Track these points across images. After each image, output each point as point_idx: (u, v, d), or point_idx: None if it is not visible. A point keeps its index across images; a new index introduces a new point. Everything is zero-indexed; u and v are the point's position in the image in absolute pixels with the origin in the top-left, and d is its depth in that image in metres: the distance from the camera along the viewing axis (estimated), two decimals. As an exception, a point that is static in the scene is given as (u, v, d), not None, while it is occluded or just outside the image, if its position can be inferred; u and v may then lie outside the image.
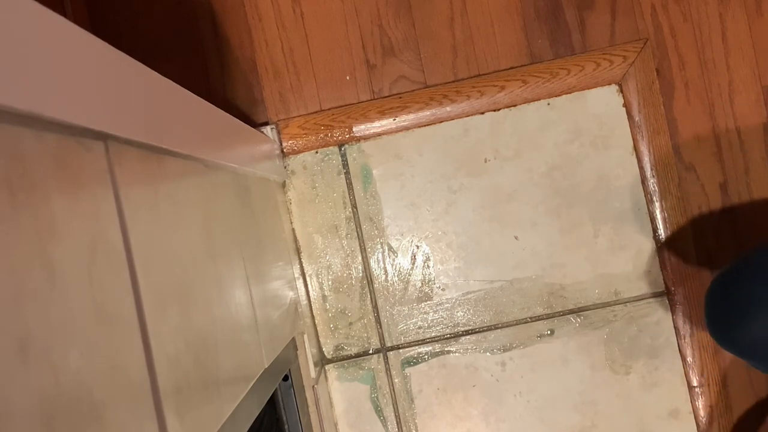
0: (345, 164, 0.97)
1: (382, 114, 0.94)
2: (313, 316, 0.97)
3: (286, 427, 0.80)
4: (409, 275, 0.97)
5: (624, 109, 0.94)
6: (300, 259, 0.97)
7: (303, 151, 0.96)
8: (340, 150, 0.97)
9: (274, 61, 0.96)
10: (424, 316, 0.97)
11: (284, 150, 0.95)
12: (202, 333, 0.45)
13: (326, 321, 0.97)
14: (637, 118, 0.94)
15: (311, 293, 0.97)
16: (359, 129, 0.95)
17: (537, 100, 0.94)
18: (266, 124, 0.95)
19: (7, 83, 0.24)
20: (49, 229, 0.27)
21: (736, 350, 0.73)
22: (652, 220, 0.95)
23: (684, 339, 0.94)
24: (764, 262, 0.70)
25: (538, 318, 0.96)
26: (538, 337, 0.96)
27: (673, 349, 0.95)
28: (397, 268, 0.97)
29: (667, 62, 0.93)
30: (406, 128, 0.95)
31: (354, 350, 0.97)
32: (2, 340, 0.23)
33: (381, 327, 0.97)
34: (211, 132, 0.57)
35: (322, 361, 0.97)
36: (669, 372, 0.95)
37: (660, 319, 0.95)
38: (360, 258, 0.97)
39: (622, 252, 0.95)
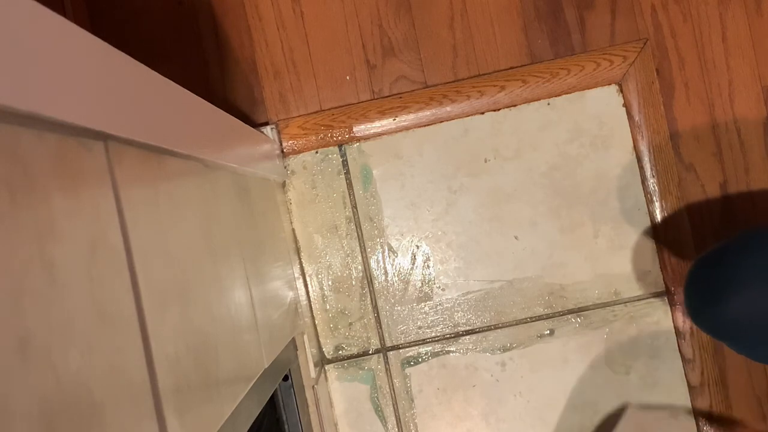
0: (345, 164, 0.97)
1: (382, 114, 0.94)
2: (313, 316, 0.97)
3: (286, 427, 0.80)
4: (409, 275, 0.97)
5: (624, 109, 0.94)
6: (300, 259, 0.97)
7: (303, 151, 0.96)
8: (340, 150, 0.97)
9: (274, 61, 0.96)
10: (424, 316, 0.97)
11: (284, 150, 0.95)
12: (202, 333, 0.45)
13: (326, 321, 0.97)
14: (637, 118, 0.94)
15: (311, 293, 0.97)
16: (359, 129, 0.95)
17: (537, 100, 0.94)
18: (266, 124, 0.95)
19: (7, 83, 0.24)
20: (49, 228, 0.27)
21: (713, 330, 0.73)
22: (652, 220, 0.95)
23: (684, 339, 0.94)
24: (743, 245, 0.70)
25: (538, 318, 0.96)
26: (538, 337, 0.96)
27: (673, 349, 0.95)
28: (397, 268, 0.97)
29: (667, 62, 0.93)
30: (406, 128, 0.95)
31: (354, 350, 0.97)
32: (2, 339, 0.23)
33: (381, 327, 0.97)
34: (211, 132, 0.57)
35: (322, 361, 0.97)
36: (669, 372, 0.95)
37: (660, 319, 0.95)
38: (360, 258, 0.97)
39: (622, 252, 0.95)
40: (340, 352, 0.98)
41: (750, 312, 0.66)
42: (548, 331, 0.96)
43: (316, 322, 0.97)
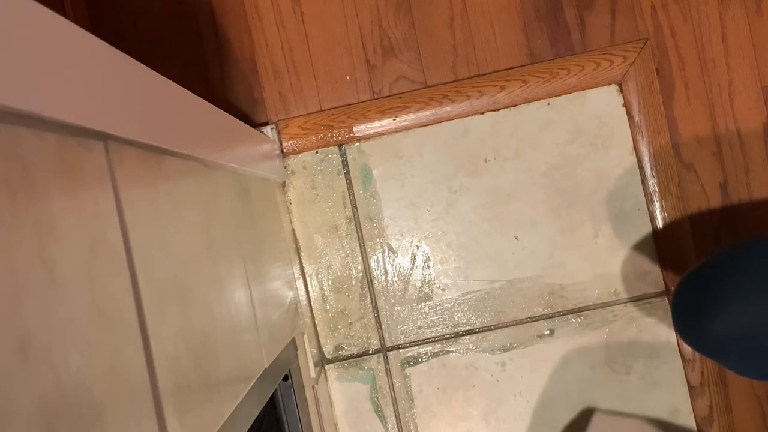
0: (345, 164, 0.97)
1: (382, 114, 0.94)
2: (313, 316, 0.97)
3: (286, 427, 0.80)
4: (409, 275, 0.97)
5: (624, 109, 0.94)
6: (300, 259, 0.97)
7: (303, 151, 0.96)
8: (340, 150, 0.97)
9: (274, 61, 0.96)
10: (424, 316, 0.97)
11: (284, 150, 0.95)
12: (202, 333, 0.45)
13: (326, 321, 0.97)
14: (637, 118, 0.94)
15: (311, 293, 0.97)
16: (359, 129, 0.95)
17: (537, 100, 0.94)
18: (266, 124, 0.95)
19: (7, 83, 0.24)
20: (49, 228, 0.27)
21: (700, 347, 0.73)
22: (652, 220, 0.95)
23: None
24: (728, 260, 0.70)
25: (538, 318, 0.96)
26: (538, 337, 0.96)
27: (673, 349, 0.95)
28: (397, 268, 0.97)
29: (667, 62, 0.93)
30: (406, 128, 0.95)
31: (354, 350, 0.97)
32: (2, 339, 0.23)
33: (381, 327, 0.97)
34: (211, 132, 0.57)
35: (322, 361, 0.97)
36: (669, 372, 0.95)
37: (660, 319, 0.95)
38: (360, 258, 0.97)
39: (622, 252, 0.95)
40: (340, 352, 0.98)
41: (735, 329, 0.65)
42: (548, 331, 0.96)
43: (316, 322, 0.97)
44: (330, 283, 0.97)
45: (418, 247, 0.97)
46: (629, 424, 0.88)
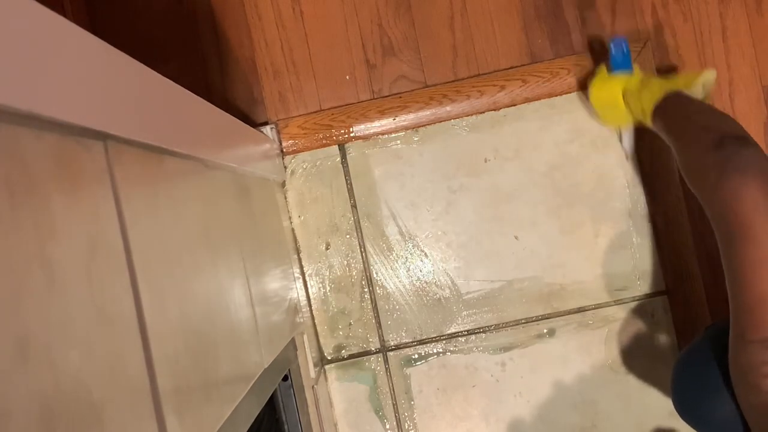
0: (345, 164, 0.97)
1: (382, 114, 0.94)
2: (313, 316, 0.97)
3: (285, 427, 0.80)
4: (410, 275, 0.97)
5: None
6: (300, 259, 0.97)
7: (303, 151, 0.96)
8: (340, 150, 0.97)
9: (274, 60, 0.96)
10: (424, 316, 0.97)
11: (284, 150, 0.95)
12: (201, 333, 0.45)
13: (326, 321, 0.97)
14: (637, 118, 0.94)
15: (311, 293, 0.97)
16: (359, 129, 0.95)
17: (537, 99, 0.94)
18: (266, 123, 0.95)
19: (7, 83, 0.24)
20: (48, 228, 0.27)
21: (704, 430, 0.72)
22: (652, 220, 0.95)
23: (684, 339, 0.94)
24: (718, 343, 0.68)
25: (538, 318, 0.96)
26: (538, 337, 0.96)
27: (673, 348, 0.95)
28: (397, 268, 0.97)
29: (668, 62, 0.93)
30: (406, 128, 0.95)
31: (354, 350, 0.97)
32: (2, 339, 0.23)
33: (381, 327, 0.97)
34: (210, 132, 0.57)
35: (322, 361, 0.97)
36: (669, 372, 0.95)
37: (660, 319, 0.95)
38: (360, 258, 0.97)
39: (622, 252, 0.95)
40: (340, 352, 0.98)
41: (734, 413, 0.64)
42: (548, 331, 0.96)
43: (316, 322, 0.97)
44: (330, 283, 0.97)
45: (418, 247, 0.97)
46: None
